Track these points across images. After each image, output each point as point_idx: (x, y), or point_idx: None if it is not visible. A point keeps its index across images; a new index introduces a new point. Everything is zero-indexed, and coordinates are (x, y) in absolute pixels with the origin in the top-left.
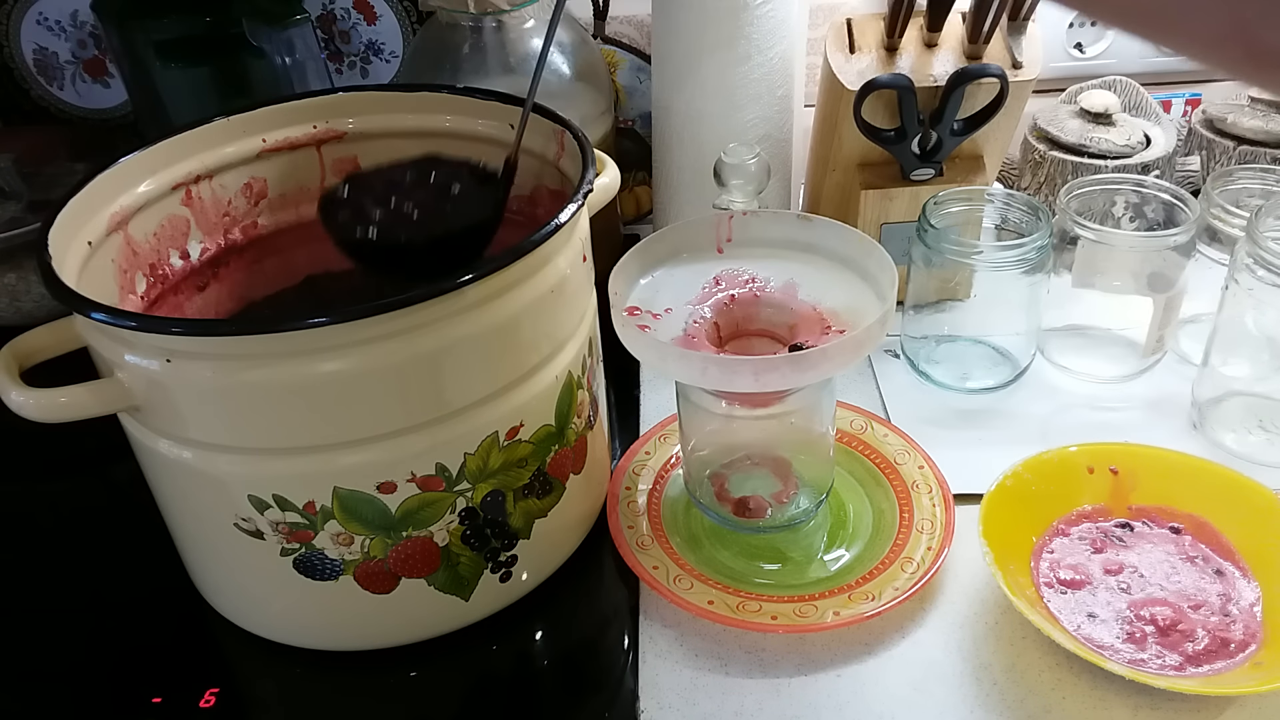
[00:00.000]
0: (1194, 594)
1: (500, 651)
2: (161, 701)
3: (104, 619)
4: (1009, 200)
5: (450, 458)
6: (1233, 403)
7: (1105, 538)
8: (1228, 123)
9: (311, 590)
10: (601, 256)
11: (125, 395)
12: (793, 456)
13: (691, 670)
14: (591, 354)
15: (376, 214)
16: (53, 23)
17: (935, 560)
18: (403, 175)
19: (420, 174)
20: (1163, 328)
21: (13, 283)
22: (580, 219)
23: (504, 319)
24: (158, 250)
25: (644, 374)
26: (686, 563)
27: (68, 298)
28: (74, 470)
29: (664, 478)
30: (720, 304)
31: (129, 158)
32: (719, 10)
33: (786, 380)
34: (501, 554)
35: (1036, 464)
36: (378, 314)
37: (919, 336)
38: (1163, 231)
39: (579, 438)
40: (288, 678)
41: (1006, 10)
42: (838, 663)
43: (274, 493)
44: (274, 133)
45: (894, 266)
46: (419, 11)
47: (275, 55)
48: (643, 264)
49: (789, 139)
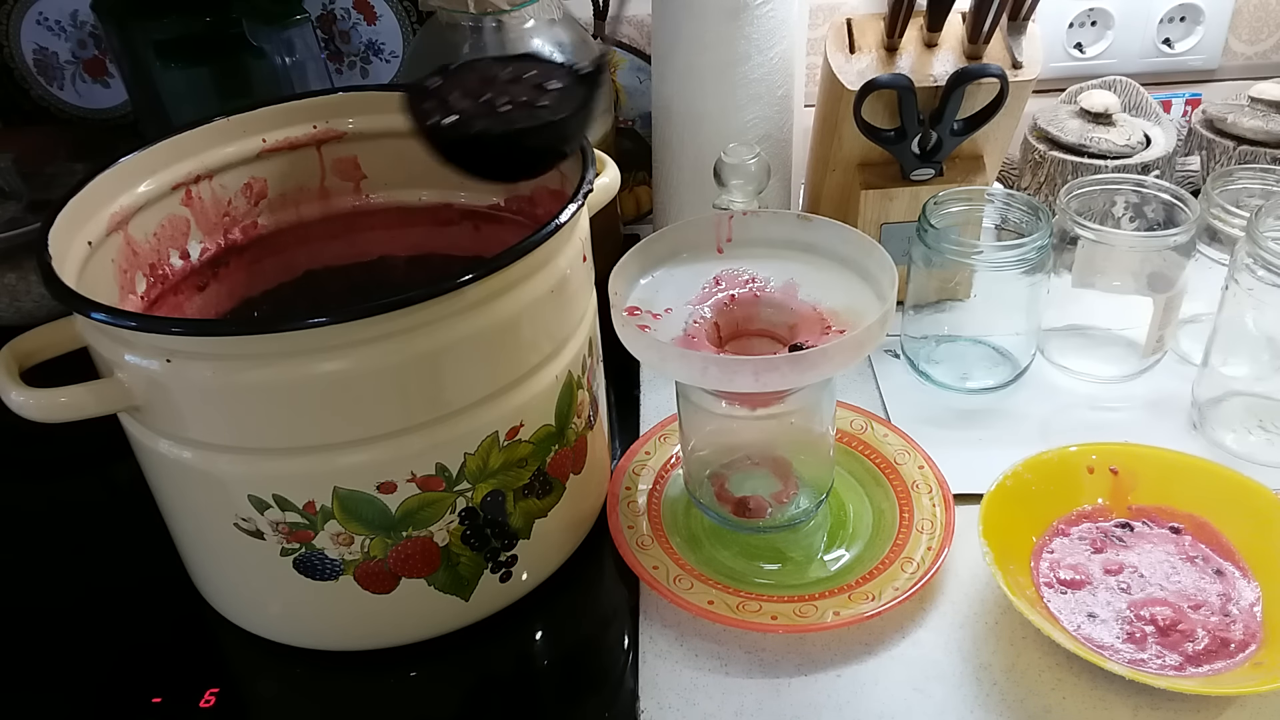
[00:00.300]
0: (1194, 594)
1: (500, 651)
2: (161, 701)
3: (104, 619)
4: (1009, 200)
5: (450, 458)
6: (1233, 403)
7: (1105, 538)
8: (1228, 123)
9: (311, 590)
10: (601, 256)
11: (125, 395)
12: (793, 456)
13: (691, 670)
14: (591, 354)
15: (465, 105)
16: (53, 23)
17: (935, 560)
18: (496, 70)
19: (515, 69)
20: (1163, 328)
21: (13, 283)
22: (580, 219)
23: (504, 319)
24: (158, 250)
25: (644, 374)
26: (686, 563)
27: (68, 298)
28: (74, 470)
29: (664, 478)
30: (720, 304)
31: (129, 158)
32: (719, 10)
33: (786, 380)
34: (501, 554)
35: (1036, 464)
36: (378, 314)
37: (919, 336)
38: (1163, 231)
39: (579, 438)
40: (288, 678)
41: (1006, 10)
42: (838, 663)
43: (274, 493)
44: (274, 133)
45: (894, 266)
46: (419, 11)
47: (275, 55)
48: (643, 264)
49: (789, 139)
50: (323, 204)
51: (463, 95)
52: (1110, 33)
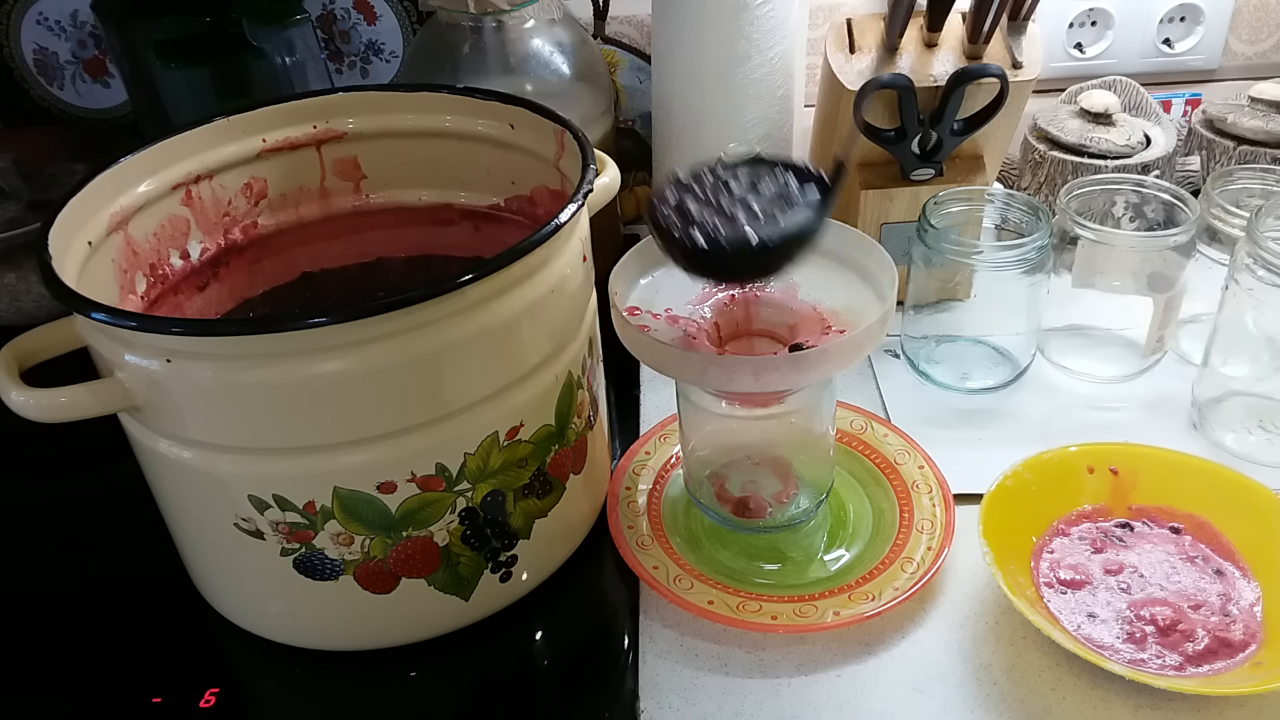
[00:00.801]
0: (1194, 594)
1: (500, 651)
2: (161, 701)
3: (104, 619)
4: (1009, 200)
5: (450, 458)
6: (1233, 403)
7: (1105, 538)
8: (1228, 123)
9: (311, 590)
10: (601, 256)
11: (125, 395)
12: (793, 456)
13: (691, 670)
14: (591, 354)
15: (706, 216)
16: (53, 23)
17: (935, 560)
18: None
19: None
20: (1163, 328)
21: (13, 283)
22: (580, 219)
23: (504, 319)
24: (158, 250)
25: (644, 374)
26: (686, 563)
27: (68, 298)
28: (74, 470)
29: (664, 478)
30: (720, 304)
31: (129, 158)
32: (719, 10)
33: (787, 380)
34: (501, 554)
35: (1036, 464)
36: (378, 314)
37: (919, 336)
38: (1163, 231)
39: (579, 438)
40: (288, 678)
41: (1006, 10)
42: (838, 663)
43: (274, 493)
44: (274, 133)
45: (894, 266)
46: (419, 11)
47: (275, 55)
48: (643, 264)
49: (789, 139)
50: (322, 204)
51: (701, 206)
52: (1110, 33)
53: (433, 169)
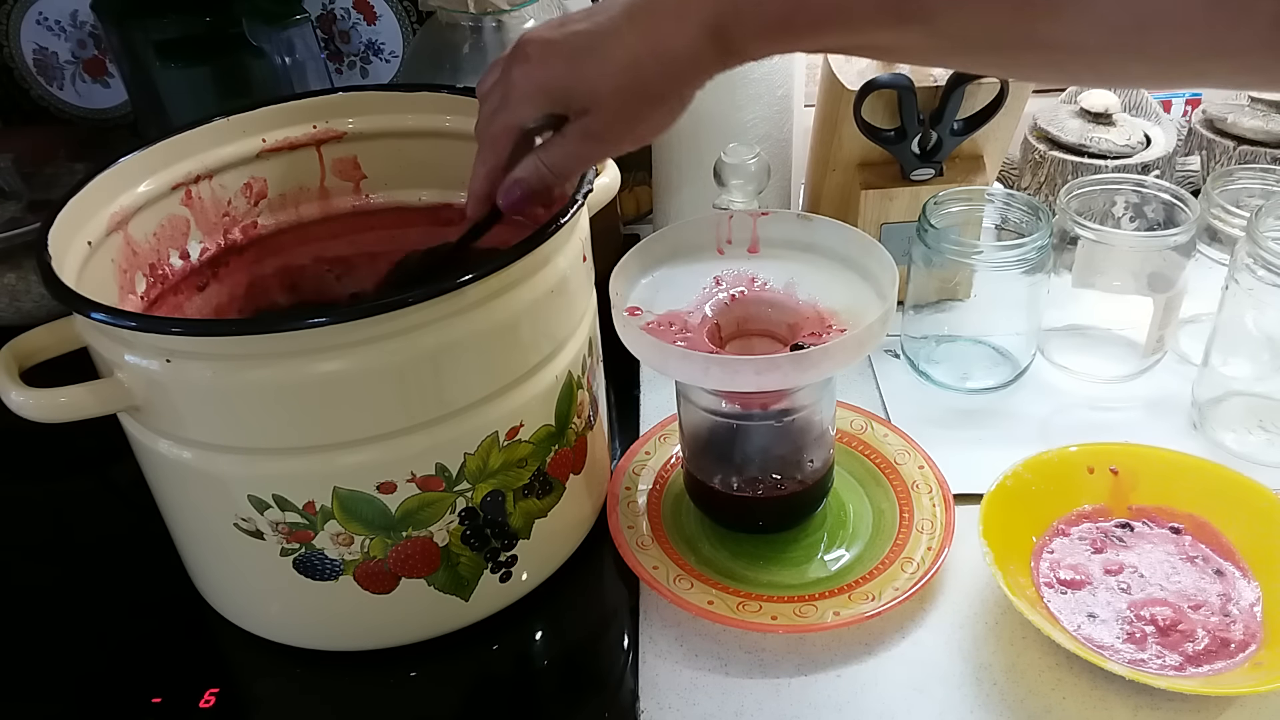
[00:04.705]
0: (1194, 594)
1: (500, 651)
2: (161, 701)
3: (104, 619)
4: (1009, 200)
5: (450, 458)
6: (1233, 403)
7: (1105, 538)
8: (1228, 123)
9: (311, 590)
10: (601, 256)
11: (125, 395)
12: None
13: (691, 670)
14: (591, 354)
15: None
16: (53, 23)
17: (935, 560)
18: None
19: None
20: (1163, 328)
21: (13, 283)
22: (580, 219)
23: (504, 319)
24: (158, 250)
25: (644, 374)
26: (686, 563)
27: (68, 298)
28: (74, 470)
29: (664, 478)
30: (721, 304)
31: (129, 158)
32: None
33: (787, 379)
34: (501, 554)
35: (1036, 464)
36: (378, 314)
37: (919, 336)
38: (1163, 231)
39: (579, 438)
40: (288, 678)
41: None
42: (838, 663)
43: (274, 493)
44: (274, 133)
45: (894, 265)
46: (419, 11)
47: (275, 55)
48: (643, 264)
49: (789, 139)
50: (323, 204)
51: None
52: None
53: (433, 169)
